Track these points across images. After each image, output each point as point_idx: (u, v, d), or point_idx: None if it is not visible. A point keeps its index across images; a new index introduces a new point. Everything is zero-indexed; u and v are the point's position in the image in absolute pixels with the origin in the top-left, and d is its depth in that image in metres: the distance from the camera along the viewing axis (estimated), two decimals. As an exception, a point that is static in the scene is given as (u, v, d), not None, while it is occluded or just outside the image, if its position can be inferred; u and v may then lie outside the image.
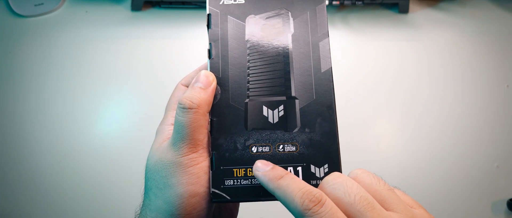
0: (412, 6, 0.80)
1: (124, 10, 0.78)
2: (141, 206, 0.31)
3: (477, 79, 0.73)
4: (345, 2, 0.76)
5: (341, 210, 0.25)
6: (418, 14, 0.79)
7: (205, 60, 0.33)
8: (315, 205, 0.24)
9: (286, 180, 0.26)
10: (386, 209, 0.26)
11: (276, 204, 0.31)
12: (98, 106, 0.70)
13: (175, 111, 0.32)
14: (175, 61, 0.74)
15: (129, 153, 0.66)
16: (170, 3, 0.78)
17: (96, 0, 0.79)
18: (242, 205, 0.37)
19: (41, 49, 0.75)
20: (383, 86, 0.73)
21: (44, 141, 0.67)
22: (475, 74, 0.74)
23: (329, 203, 0.25)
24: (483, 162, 0.67)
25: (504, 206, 0.63)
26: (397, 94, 0.72)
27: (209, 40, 0.33)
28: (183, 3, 0.78)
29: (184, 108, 0.29)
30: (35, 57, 0.74)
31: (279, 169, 0.28)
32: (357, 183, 0.26)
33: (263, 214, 0.59)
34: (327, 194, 0.26)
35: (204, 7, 0.78)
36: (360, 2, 0.76)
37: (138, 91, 0.72)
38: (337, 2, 0.77)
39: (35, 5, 0.78)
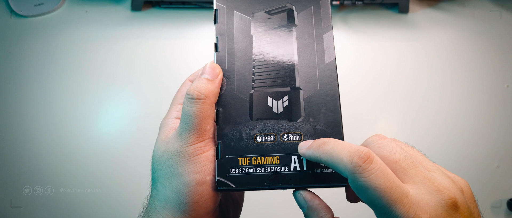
0: (412, 6, 0.80)
1: (124, 10, 0.78)
2: (149, 197, 0.32)
3: (477, 79, 0.73)
4: (345, 2, 0.76)
5: None
6: (418, 14, 0.79)
7: (205, 58, 0.34)
8: (364, 161, 0.25)
9: (330, 144, 0.27)
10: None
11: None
12: (98, 106, 0.70)
13: (180, 105, 0.33)
14: (175, 61, 0.74)
15: (129, 153, 0.66)
16: (170, 3, 0.78)
17: (96, 0, 0.79)
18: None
19: (41, 49, 0.75)
20: (382, 86, 0.73)
21: (44, 141, 0.67)
22: (475, 74, 0.74)
23: (378, 160, 0.25)
24: (483, 162, 0.67)
25: (504, 206, 0.63)
26: (396, 94, 0.72)
27: (216, 34, 0.34)
28: (183, 3, 0.78)
29: (192, 99, 0.30)
30: (35, 57, 0.74)
31: (320, 139, 0.28)
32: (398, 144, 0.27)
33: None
34: None
35: (204, 7, 0.78)
36: (360, 2, 0.76)
37: (138, 91, 0.72)
38: (337, 2, 0.77)
39: (35, 5, 0.78)
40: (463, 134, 0.69)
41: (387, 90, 0.72)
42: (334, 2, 0.77)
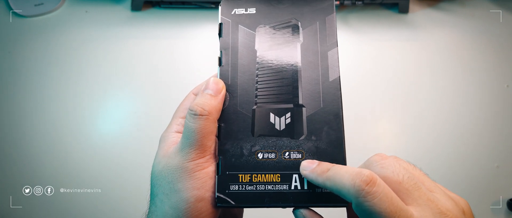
0: (412, 6, 0.80)
1: (124, 10, 0.78)
2: (146, 213, 0.31)
3: (477, 79, 0.73)
4: (345, 2, 0.76)
5: None
6: (418, 14, 0.79)
7: (205, 58, 0.33)
8: (367, 184, 0.24)
9: (333, 170, 0.27)
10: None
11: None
12: (98, 106, 0.70)
13: (181, 119, 0.32)
14: (175, 61, 0.74)
15: (129, 153, 0.66)
16: (170, 3, 0.78)
17: (96, 0, 0.79)
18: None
19: (41, 49, 0.74)
20: (383, 86, 0.73)
21: (44, 141, 0.67)
22: (475, 74, 0.74)
23: (382, 182, 0.25)
24: (483, 162, 0.67)
25: (504, 206, 0.63)
26: (397, 94, 0.72)
27: (220, 48, 0.33)
28: (183, 3, 0.78)
29: (195, 115, 0.29)
30: (35, 57, 0.74)
31: (325, 164, 0.28)
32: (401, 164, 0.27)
33: None
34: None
35: (204, 7, 0.78)
36: (360, 2, 0.76)
37: (138, 91, 0.72)
38: (337, 2, 0.77)
39: (35, 5, 0.77)
40: (463, 134, 0.69)
41: (387, 90, 0.72)
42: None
